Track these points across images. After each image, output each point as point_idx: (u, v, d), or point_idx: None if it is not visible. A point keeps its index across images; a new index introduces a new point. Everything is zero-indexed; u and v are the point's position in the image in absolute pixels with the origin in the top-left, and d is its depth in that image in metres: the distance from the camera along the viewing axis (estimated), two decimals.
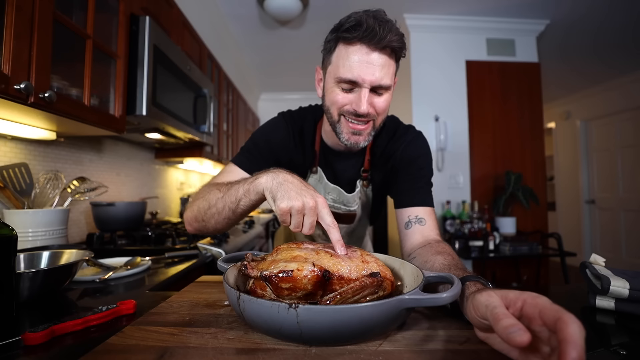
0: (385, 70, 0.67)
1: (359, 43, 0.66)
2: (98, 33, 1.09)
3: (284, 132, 0.87)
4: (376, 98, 0.71)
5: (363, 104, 0.68)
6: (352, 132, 0.74)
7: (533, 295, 0.35)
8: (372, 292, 0.45)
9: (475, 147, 2.88)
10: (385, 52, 0.66)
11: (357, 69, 0.66)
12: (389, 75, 0.68)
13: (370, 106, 0.70)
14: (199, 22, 2.11)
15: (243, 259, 0.51)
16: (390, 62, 0.68)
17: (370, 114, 0.71)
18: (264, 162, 0.81)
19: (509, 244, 2.40)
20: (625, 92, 3.98)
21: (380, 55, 0.66)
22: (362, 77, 0.66)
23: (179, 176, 2.58)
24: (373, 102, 0.70)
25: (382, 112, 0.73)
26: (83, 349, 0.40)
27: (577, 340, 0.28)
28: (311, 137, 0.89)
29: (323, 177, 0.89)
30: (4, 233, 0.53)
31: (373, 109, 0.71)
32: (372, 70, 0.66)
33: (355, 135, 0.74)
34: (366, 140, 0.75)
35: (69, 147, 1.40)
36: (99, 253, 1.14)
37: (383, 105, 0.71)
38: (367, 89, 0.68)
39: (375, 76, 0.66)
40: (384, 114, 0.75)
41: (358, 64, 0.66)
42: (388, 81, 0.68)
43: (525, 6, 2.63)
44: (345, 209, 0.91)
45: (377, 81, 0.67)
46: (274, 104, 4.64)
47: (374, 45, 0.65)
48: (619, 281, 0.54)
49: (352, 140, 0.74)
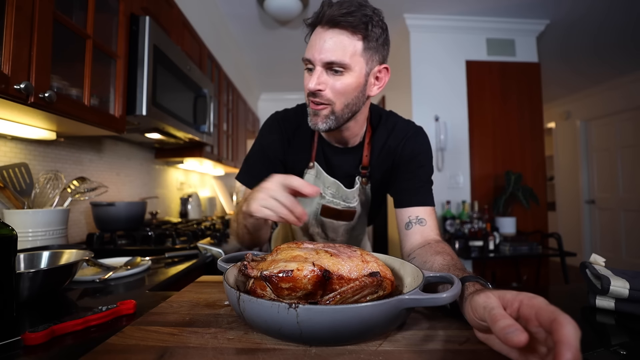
0: (338, 47, 0.67)
1: (317, 26, 0.70)
2: (98, 33, 1.09)
3: (277, 134, 0.88)
4: (332, 78, 0.70)
5: (312, 80, 0.69)
6: (312, 113, 0.74)
7: (530, 296, 0.35)
8: (372, 291, 0.45)
9: (475, 147, 2.88)
10: (340, 30, 0.67)
11: (311, 48, 0.70)
12: (342, 53, 0.67)
13: (323, 85, 0.70)
14: (199, 22, 2.11)
15: (243, 259, 0.51)
16: (347, 39, 0.67)
17: (323, 94, 0.70)
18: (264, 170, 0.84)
19: (509, 244, 2.40)
20: (625, 92, 3.98)
21: (334, 34, 0.67)
22: (313, 54, 0.69)
23: (179, 176, 2.58)
24: (328, 81, 0.70)
25: (340, 96, 0.71)
26: (83, 349, 0.40)
27: (571, 342, 0.28)
28: (308, 133, 0.88)
29: (321, 172, 0.88)
30: (4, 233, 0.53)
31: (329, 90, 0.70)
32: (322, 48, 0.68)
33: (314, 116, 0.74)
34: (325, 124, 0.74)
35: (69, 147, 1.40)
36: (99, 253, 1.14)
37: (340, 86, 0.70)
38: (319, 67, 0.69)
39: (325, 54, 0.68)
40: (344, 97, 0.72)
41: (312, 44, 0.70)
42: (341, 58, 0.67)
43: (525, 6, 2.63)
44: (344, 205, 0.90)
45: (327, 58, 0.68)
46: (274, 104, 4.62)
47: (325, 24, 0.68)
48: (619, 281, 0.54)
49: (312, 121, 0.75)
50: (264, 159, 0.88)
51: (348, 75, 0.70)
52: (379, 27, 0.70)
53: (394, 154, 0.85)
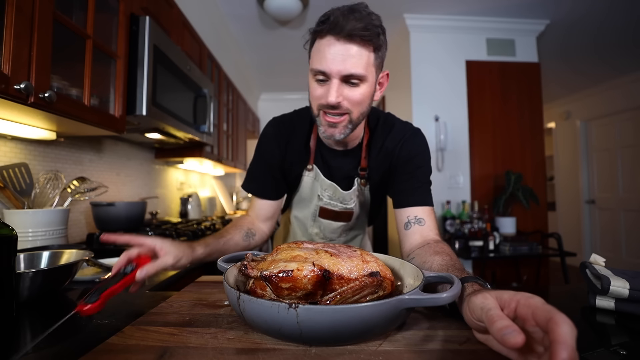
0: (355, 60, 0.67)
1: (328, 35, 0.67)
2: (98, 33, 1.09)
3: (274, 140, 0.89)
4: (349, 89, 0.70)
5: (332, 94, 0.68)
6: (328, 125, 0.74)
7: (526, 296, 0.35)
8: (372, 291, 0.45)
9: (475, 147, 2.88)
10: (353, 42, 0.66)
11: (326, 60, 0.67)
12: (360, 65, 0.67)
13: (341, 97, 0.70)
14: (199, 22, 2.11)
15: (243, 259, 0.51)
16: (363, 51, 0.67)
17: (342, 105, 0.71)
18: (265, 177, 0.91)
19: (509, 244, 2.40)
20: (626, 92, 3.98)
21: (349, 45, 0.66)
22: (330, 67, 0.67)
23: (179, 176, 2.58)
24: (345, 93, 0.70)
25: (357, 106, 0.72)
26: (83, 348, 0.40)
27: (567, 341, 0.28)
28: (306, 137, 0.89)
29: (319, 174, 0.89)
30: (4, 233, 0.53)
31: (346, 101, 0.71)
32: (339, 59, 0.66)
33: (331, 127, 0.74)
34: (342, 133, 0.75)
35: (69, 147, 1.40)
36: (99, 253, 1.14)
37: (357, 97, 0.70)
38: (336, 80, 0.68)
39: (343, 65, 0.67)
40: (361, 107, 0.73)
41: (327, 55, 0.67)
42: (358, 70, 0.67)
43: (525, 6, 2.63)
44: (342, 206, 0.91)
45: (345, 70, 0.67)
46: (274, 104, 4.64)
47: (340, 35, 0.66)
48: (619, 281, 0.54)
49: (328, 132, 0.75)
50: (264, 166, 0.90)
51: (363, 85, 0.70)
52: (385, 35, 0.71)
53: (392, 156, 0.85)
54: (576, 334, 0.29)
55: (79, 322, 0.57)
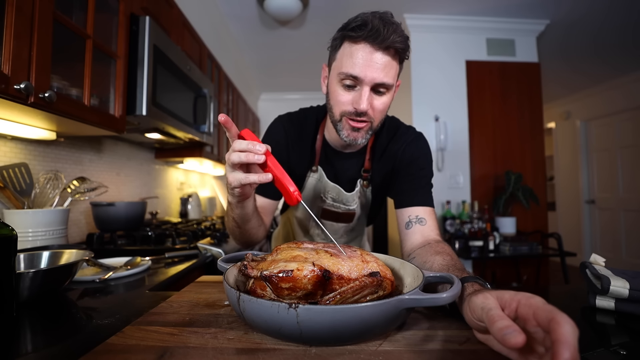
0: (387, 70, 0.68)
1: (364, 42, 0.67)
2: (98, 33, 1.09)
3: (280, 137, 0.89)
4: (376, 98, 0.72)
5: (363, 101, 0.69)
6: (351, 129, 0.75)
7: (527, 296, 0.35)
8: (372, 291, 0.45)
9: (475, 147, 2.88)
10: (388, 53, 0.67)
11: (360, 66, 0.67)
12: (390, 76, 0.69)
13: (369, 105, 0.70)
14: (199, 22, 2.11)
15: (243, 259, 0.51)
16: (393, 63, 0.69)
17: (369, 113, 0.72)
18: None
19: (509, 244, 2.40)
20: (626, 92, 3.98)
21: (384, 55, 0.67)
22: (365, 73, 0.67)
23: (179, 176, 2.58)
24: (372, 102, 0.71)
25: (379, 114, 0.74)
26: (83, 349, 0.40)
27: (569, 341, 0.28)
28: (312, 137, 0.90)
29: (323, 176, 0.90)
30: (4, 233, 0.53)
31: (372, 109, 0.72)
32: (375, 68, 0.67)
33: (354, 132, 0.75)
34: (364, 138, 0.76)
35: (69, 147, 1.40)
36: (99, 253, 1.14)
37: (381, 107, 0.73)
38: (367, 87, 0.69)
39: (378, 74, 0.67)
40: (382, 115, 0.75)
41: (361, 61, 0.67)
42: (389, 80, 0.69)
43: (525, 6, 2.63)
44: (344, 208, 0.92)
45: (379, 79, 0.68)
46: (274, 104, 4.64)
47: (378, 44, 0.66)
48: (619, 281, 0.54)
49: (351, 136, 0.76)
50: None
51: (388, 95, 0.72)
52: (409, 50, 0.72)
53: (395, 158, 0.87)
54: (578, 334, 0.29)
55: (79, 322, 0.57)
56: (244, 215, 0.73)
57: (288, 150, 0.89)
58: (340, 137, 0.77)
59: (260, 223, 0.82)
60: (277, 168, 0.57)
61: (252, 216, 0.75)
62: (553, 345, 0.29)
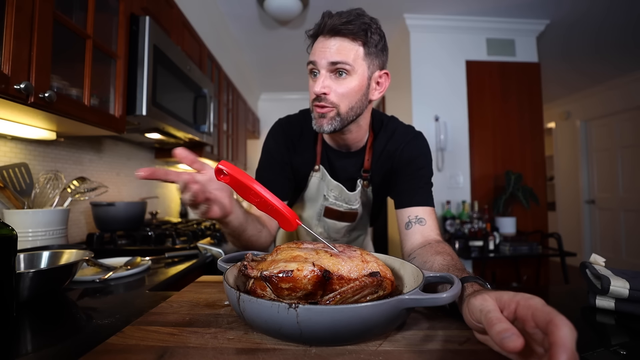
0: (340, 50, 0.71)
1: (320, 36, 0.74)
2: (98, 33, 1.09)
3: (282, 139, 0.90)
4: (335, 81, 0.73)
5: (318, 84, 0.73)
6: (318, 116, 0.76)
7: (526, 297, 0.35)
8: (372, 291, 0.45)
9: (475, 147, 2.88)
10: (339, 36, 0.72)
11: (315, 52, 0.74)
12: (346, 55, 0.71)
13: (327, 88, 0.73)
14: (199, 22, 2.11)
15: (243, 259, 0.51)
16: (348, 44, 0.72)
17: (328, 98, 0.73)
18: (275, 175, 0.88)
19: (509, 244, 2.40)
20: (625, 92, 3.97)
21: (334, 39, 0.72)
22: (316, 57, 0.73)
23: None
24: (332, 85, 0.73)
25: (343, 98, 0.74)
26: (83, 349, 0.40)
27: (567, 344, 0.28)
28: (312, 138, 0.90)
29: (326, 174, 0.90)
30: (4, 233, 0.53)
31: (333, 93, 0.73)
32: (326, 51, 0.72)
33: (320, 118, 0.76)
34: (330, 125, 0.76)
35: (69, 147, 1.40)
36: (99, 253, 1.14)
37: (344, 90, 0.73)
38: (324, 70, 0.73)
39: (330, 54, 0.71)
40: (348, 100, 0.74)
41: (316, 50, 0.74)
42: (344, 59, 0.71)
43: (525, 6, 2.63)
44: (347, 207, 0.92)
45: (331, 58, 0.71)
46: (274, 104, 4.64)
47: (327, 33, 0.73)
48: (619, 281, 0.54)
49: (317, 123, 0.77)
50: (274, 165, 0.89)
51: (351, 78, 0.73)
52: (377, 34, 0.74)
53: (393, 158, 0.87)
54: (576, 337, 0.29)
55: (79, 322, 0.57)
56: (234, 229, 0.70)
57: (290, 152, 0.90)
58: (313, 126, 0.78)
59: (261, 229, 0.78)
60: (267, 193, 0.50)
61: (246, 226, 0.72)
62: (550, 348, 0.29)
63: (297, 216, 0.52)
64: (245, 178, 0.50)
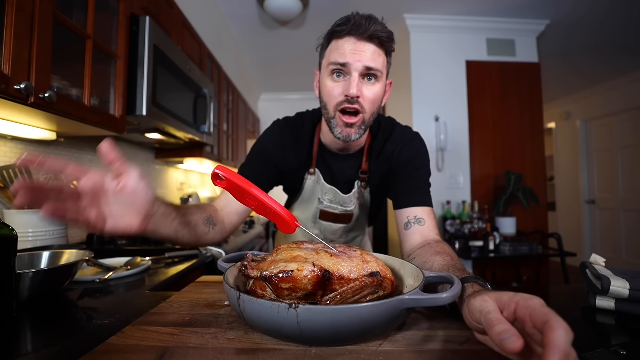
0: (374, 56, 0.71)
1: (348, 35, 0.71)
2: (98, 33, 1.09)
3: (278, 140, 0.89)
4: (366, 86, 0.73)
5: (353, 86, 0.71)
6: (344, 125, 0.75)
7: (526, 297, 0.35)
8: (372, 291, 0.45)
9: (475, 147, 2.88)
10: (373, 42, 0.71)
11: (348, 54, 0.70)
12: (378, 62, 0.72)
13: (359, 91, 0.72)
14: (199, 22, 2.11)
15: (243, 259, 0.51)
16: (380, 51, 0.72)
17: (360, 102, 0.73)
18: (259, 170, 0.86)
19: (509, 244, 2.40)
20: (625, 92, 3.97)
21: (369, 44, 0.71)
22: (353, 58, 0.70)
23: (179, 176, 2.58)
24: (362, 90, 0.72)
25: (370, 104, 0.74)
26: (83, 349, 0.40)
27: (560, 345, 0.28)
28: (309, 141, 0.90)
29: (320, 178, 0.90)
30: (4, 233, 0.53)
31: (362, 98, 0.73)
32: (361, 54, 0.70)
33: (347, 127, 0.75)
34: (357, 134, 0.76)
35: (69, 147, 1.40)
36: (99, 253, 1.14)
37: (372, 95, 0.73)
38: (357, 73, 0.71)
39: (365, 58, 0.70)
40: (373, 106, 0.75)
41: (348, 50, 0.70)
42: (377, 66, 0.71)
43: (525, 6, 2.63)
44: (341, 209, 0.92)
45: (367, 62, 0.70)
46: (274, 104, 4.64)
47: (361, 35, 0.70)
48: (619, 281, 0.54)
49: (344, 132, 0.76)
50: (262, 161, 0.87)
51: (378, 84, 0.74)
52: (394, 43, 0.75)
53: (391, 158, 0.87)
54: (572, 338, 0.29)
55: (79, 322, 0.57)
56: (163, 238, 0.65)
57: (284, 153, 0.89)
58: (334, 134, 0.77)
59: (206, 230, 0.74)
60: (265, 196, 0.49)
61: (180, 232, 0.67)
62: (544, 349, 0.29)
63: (295, 218, 0.52)
64: (243, 182, 0.50)
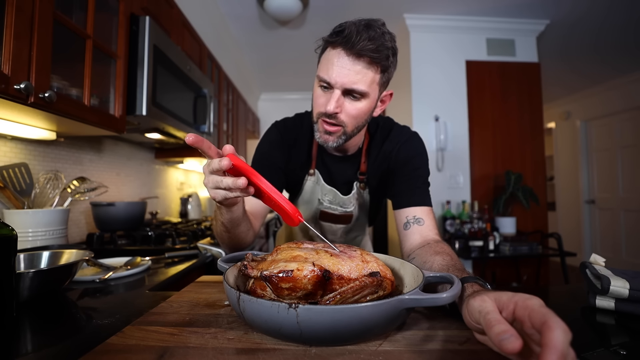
0: (359, 76, 0.68)
1: (339, 47, 0.68)
2: (98, 33, 1.09)
3: (277, 142, 0.89)
4: (349, 103, 0.71)
5: (331, 103, 0.70)
6: (324, 132, 0.76)
7: (525, 297, 0.34)
8: (372, 291, 0.45)
9: (475, 147, 2.88)
10: (362, 60, 0.67)
11: (332, 70, 0.69)
12: (364, 82, 0.69)
13: (339, 108, 0.71)
14: (199, 22, 2.11)
15: (243, 259, 0.51)
16: (369, 71, 0.68)
17: (338, 116, 0.72)
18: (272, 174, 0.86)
19: (509, 244, 2.40)
20: (625, 92, 3.97)
21: (356, 62, 0.67)
22: (335, 79, 0.69)
23: (179, 176, 2.58)
24: (344, 105, 0.71)
25: (352, 119, 0.73)
26: (83, 349, 0.40)
27: (557, 346, 0.28)
28: (308, 142, 0.90)
29: (320, 179, 0.90)
30: (4, 233, 0.53)
31: (343, 114, 0.72)
32: (345, 73, 0.68)
33: (326, 134, 0.76)
34: (335, 142, 0.76)
35: (69, 147, 1.40)
36: (99, 253, 1.14)
37: (354, 112, 0.72)
38: (338, 91, 0.70)
39: (347, 80, 0.68)
40: (355, 121, 0.74)
41: (334, 66, 0.68)
42: (361, 87, 0.69)
43: (525, 6, 2.63)
44: (341, 210, 0.93)
45: (348, 84, 0.68)
46: (274, 104, 4.64)
47: (349, 50, 0.67)
48: (619, 281, 0.54)
49: (323, 138, 0.76)
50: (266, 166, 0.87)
51: (364, 102, 0.72)
52: (396, 56, 0.72)
53: (389, 159, 0.87)
54: (570, 339, 0.29)
55: (79, 322, 0.57)
56: (234, 219, 0.69)
57: (284, 155, 0.89)
58: (315, 137, 0.78)
59: (249, 227, 0.79)
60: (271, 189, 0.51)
61: (242, 220, 0.72)
62: (541, 349, 0.29)
63: (299, 212, 0.52)
64: (250, 172, 0.50)
